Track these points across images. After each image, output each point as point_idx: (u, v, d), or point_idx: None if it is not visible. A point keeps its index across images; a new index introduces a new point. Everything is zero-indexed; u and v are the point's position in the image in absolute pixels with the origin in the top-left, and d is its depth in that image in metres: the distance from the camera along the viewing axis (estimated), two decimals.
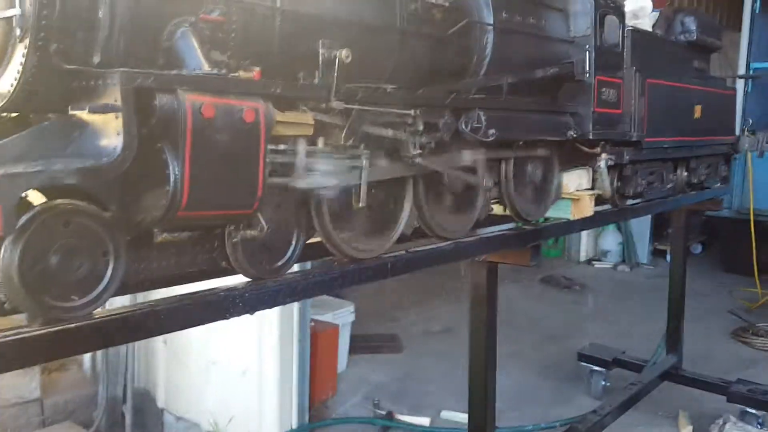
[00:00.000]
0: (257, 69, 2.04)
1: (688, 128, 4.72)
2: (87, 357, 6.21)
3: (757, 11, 9.29)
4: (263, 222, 2.07)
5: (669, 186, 4.65)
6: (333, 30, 2.30)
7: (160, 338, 5.75)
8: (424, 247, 2.82)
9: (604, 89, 3.44)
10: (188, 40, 1.88)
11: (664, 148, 4.40)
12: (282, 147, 2.09)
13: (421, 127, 2.50)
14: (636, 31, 4.06)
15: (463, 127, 2.69)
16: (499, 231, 3.22)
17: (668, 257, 12.29)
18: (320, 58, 2.18)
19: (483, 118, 2.71)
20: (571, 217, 3.68)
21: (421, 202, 2.77)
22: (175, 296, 1.95)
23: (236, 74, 1.95)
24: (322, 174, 2.18)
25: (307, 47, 2.22)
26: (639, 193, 4.26)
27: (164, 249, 1.99)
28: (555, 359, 7.40)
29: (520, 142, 3.13)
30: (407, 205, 2.72)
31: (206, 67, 1.85)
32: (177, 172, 1.76)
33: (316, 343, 6.14)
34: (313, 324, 6.16)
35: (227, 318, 2.06)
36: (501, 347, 3.70)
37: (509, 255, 3.34)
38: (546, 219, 3.71)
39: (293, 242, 2.30)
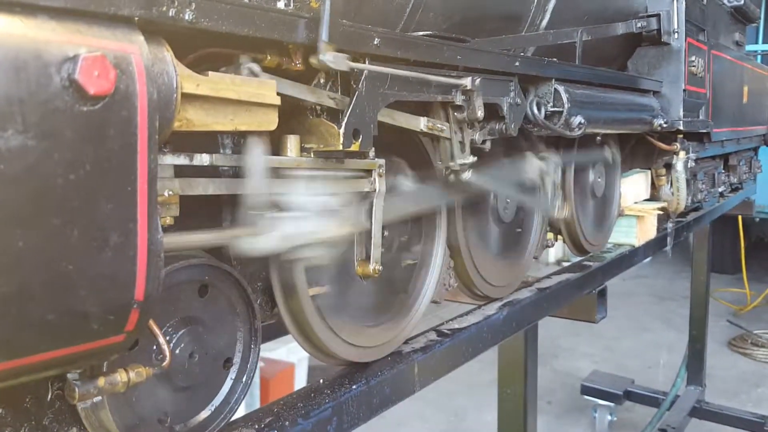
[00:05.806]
0: None
1: (738, 115, 3.71)
2: None
3: None
4: (165, 347, 0.84)
5: (720, 189, 3.64)
6: None
7: None
8: (460, 322, 1.62)
9: (693, 58, 2.32)
10: None
11: (721, 141, 3.37)
12: (204, 158, 0.86)
13: (480, 113, 1.30)
14: None
15: (535, 111, 1.51)
16: (558, 277, 2.07)
17: None
18: None
19: (565, 98, 1.54)
20: (636, 243, 2.58)
21: (460, 245, 1.58)
22: None
23: None
24: (301, 217, 0.97)
25: None
26: (697, 202, 3.22)
27: None
28: (545, 386, 6.38)
29: (598, 137, 1.98)
30: (439, 253, 1.52)
31: None
32: None
33: (267, 392, 4.89)
34: (263, 365, 4.89)
35: None
36: (479, 375, 2.70)
37: (567, 307, 2.20)
38: None
39: (236, 359, 1.07)
